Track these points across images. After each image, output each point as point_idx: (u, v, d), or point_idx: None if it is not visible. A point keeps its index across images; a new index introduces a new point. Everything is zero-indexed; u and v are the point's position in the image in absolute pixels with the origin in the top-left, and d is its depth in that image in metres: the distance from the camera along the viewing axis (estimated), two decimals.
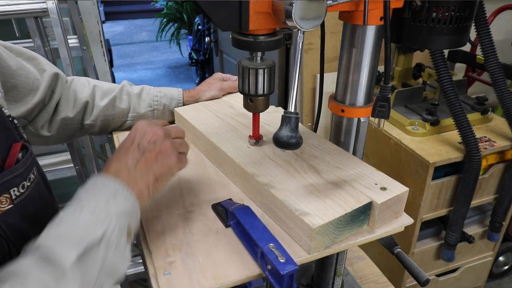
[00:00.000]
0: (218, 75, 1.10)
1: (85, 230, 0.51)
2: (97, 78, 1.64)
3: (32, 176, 0.59)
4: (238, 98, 1.04)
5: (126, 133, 1.00)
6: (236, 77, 1.09)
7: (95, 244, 0.50)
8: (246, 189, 0.76)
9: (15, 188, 0.55)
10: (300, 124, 0.85)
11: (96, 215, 0.52)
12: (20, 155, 0.57)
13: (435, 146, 1.51)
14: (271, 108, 0.95)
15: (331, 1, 0.57)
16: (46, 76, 0.85)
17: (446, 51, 1.61)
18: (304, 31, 0.57)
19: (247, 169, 0.74)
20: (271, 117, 0.94)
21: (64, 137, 0.95)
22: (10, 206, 0.55)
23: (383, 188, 0.66)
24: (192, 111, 0.98)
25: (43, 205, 0.63)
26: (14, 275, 0.45)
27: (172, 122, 1.03)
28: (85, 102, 0.92)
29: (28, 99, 0.82)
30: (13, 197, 0.55)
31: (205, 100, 1.05)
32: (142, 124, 0.64)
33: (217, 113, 0.97)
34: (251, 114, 0.79)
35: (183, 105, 1.03)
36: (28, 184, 0.58)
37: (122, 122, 0.99)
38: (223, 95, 1.08)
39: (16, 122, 0.61)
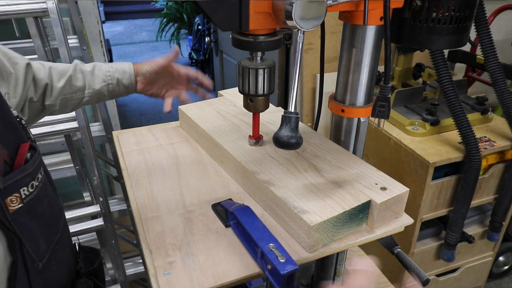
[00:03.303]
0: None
1: None
2: None
3: (40, 175, 0.61)
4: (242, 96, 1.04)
5: (126, 132, 1.00)
6: (184, 70, 1.03)
7: None
8: (247, 187, 0.77)
9: (25, 188, 0.57)
10: (302, 123, 0.86)
11: None
12: (28, 155, 0.58)
13: (435, 146, 1.51)
14: (273, 107, 0.95)
15: (331, 1, 0.57)
16: (20, 69, 0.85)
17: (446, 51, 1.61)
18: (304, 31, 0.57)
19: (248, 167, 0.74)
20: (274, 116, 0.94)
21: (29, 119, 0.96)
22: (20, 205, 0.56)
23: (383, 188, 0.66)
24: (196, 109, 0.99)
25: (50, 204, 0.64)
26: None
27: (126, 95, 1.01)
28: (44, 84, 0.93)
29: (11, 93, 0.82)
30: (23, 196, 0.56)
31: (145, 73, 1.00)
32: None
33: (220, 112, 0.97)
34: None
35: (135, 77, 0.99)
36: (37, 183, 0.59)
37: (80, 99, 0.99)
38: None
39: (23, 123, 0.62)
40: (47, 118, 1.33)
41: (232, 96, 1.07)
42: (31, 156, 0.58)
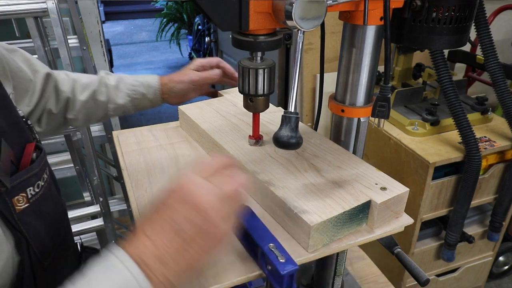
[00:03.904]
0: (196, 62, 1.03)
1: None
2: None
3: (45, 175, 0.61)
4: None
5: (126, 132, 1.00)
6: (216, 60, 1.04)
7: None
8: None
9: (31, 188, 0.57)
10: (302, 123, 0.86)
11: None
12: (34, 155, 0.59)
13: (435, 146, 1.51)
14: (273, 107, 0.95)
15: (331, 1, 0.57)
16: (39, 77, 0.85)
17: (446, 51, 1.61)
18: (304, 31, 0.57)
19: (247, 167, 0.74)
20: (274, 116, 0.94)
21: (50, 130, 0.95)
22: (26, 205, 0.56)
23: (383, 188, 0.66)
24: (195, 109, 0.99)
25: (54, 204, 0.64)
26: None
27: (151, 108, 1.02)
28: (66, 97, 0.92)
29: (26, 101, 0.82)
30: (29, 196, 0.57)
31: (178, 92, 1.01)
32: (187, 188, 0.46)
33: (220, 111, 0.97)
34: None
35: (161, 93, 1.00)
36: (42, 183, 0.60)
37: (104, 113, 0.98)
38: (220, 92, 1.08)
39: (29, 123, 0.62)
40: None
41: (232, 96, 1.07)
42: (36, 156, 0.59)
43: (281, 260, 0.56)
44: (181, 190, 0.46)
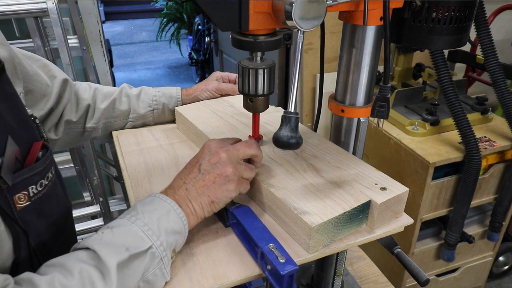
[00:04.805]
0: (216, 74, 1.10)
1: (133, 240, 0.54)
2: (97, 78, 1.64)
3: (50, 175, 0.61)
4: (239, 97, 1.04)
5: (126, 132, 1.00)
6: (235, 75, 1.09)
7: (141, 253, 0.54)
8: None
9: (34, 186, 0.57)
10: (300, 123, 0.85)
11: (145, 230, 0.55)
12: (40, 153, 0.59)
13: (435, 146, 1.51)
14: (272, 108, 0.95)
15: (331, 1, 0.57)
16: (56, 83, 0.88)
17: (446, 51, 1.61)
18: (304, 31, 0.57)
19: None
20: (272, 116, 0.94)
21: (68, 141, 0.97)
22: (27, 203, 0.56)
23: (383, 188, 0.66)
24: (193, 110, 0.99)
25: (58, 204, 0.64)
26: (61, 267, 0.50)
27: (173, 121, 1.04)
28: (87, 105, 0.95)
29: (41, 105, 0.84)
30: (31, 194, 0.57)
31: (205, 99, 1.06)
32: (210, 144, 0.66)
33: (217, 112, 0.97)
34: (251, 113, 0.79)
35: (182, 104, 1.03)
36: (46, 182, 0.60)
37: (124, 124, 1.01)
38: (222, 95, 1.08)
39: (37, 122, 0.63)
40: None
41: (229, 97, 1.07)
42: (42, 155, 0.59)
43: (281, 260, 0.56)
44: (205, 146, 0.66)
